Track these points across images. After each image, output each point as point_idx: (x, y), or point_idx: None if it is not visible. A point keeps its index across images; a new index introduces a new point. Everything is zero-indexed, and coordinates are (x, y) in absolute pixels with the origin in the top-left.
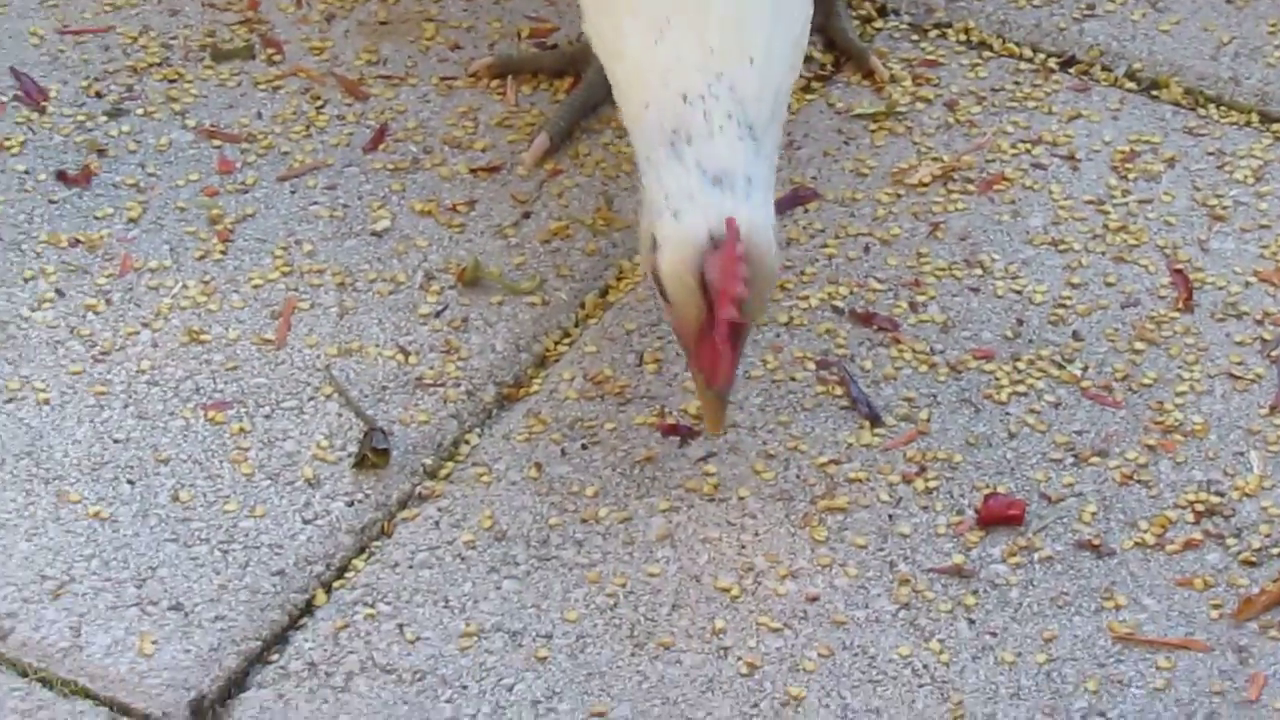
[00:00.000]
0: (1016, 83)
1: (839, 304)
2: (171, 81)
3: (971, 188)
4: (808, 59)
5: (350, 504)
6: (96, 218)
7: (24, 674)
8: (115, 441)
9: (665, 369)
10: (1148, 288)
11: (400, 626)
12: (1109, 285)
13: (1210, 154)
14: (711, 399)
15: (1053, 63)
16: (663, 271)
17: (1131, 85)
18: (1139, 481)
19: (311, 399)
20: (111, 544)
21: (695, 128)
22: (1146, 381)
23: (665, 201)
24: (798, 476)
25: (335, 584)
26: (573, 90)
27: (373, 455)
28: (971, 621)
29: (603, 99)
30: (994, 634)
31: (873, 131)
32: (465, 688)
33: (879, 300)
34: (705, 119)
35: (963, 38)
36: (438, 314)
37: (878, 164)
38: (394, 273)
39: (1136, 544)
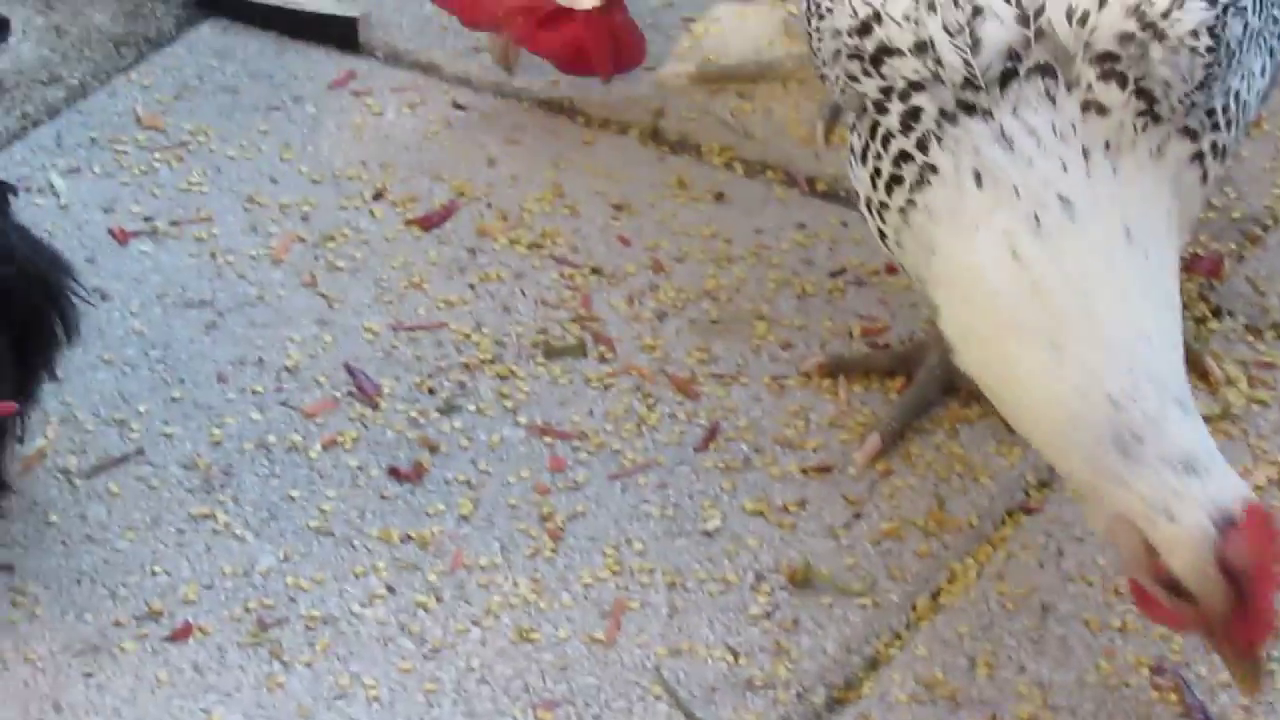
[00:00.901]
0: None
1: None
2: (503, 378)
3: None
4: None
5: None
6: (428, 514)
7: None
8: None
9: (997, 673)
10: None
11: None
12: None
13: None
14: (1249, 666)
15: None
16: (1183, 573)
17: None
18: None
19: (641, 699)
20: None
21: (1138, 426)
22: None
23: (1147, 506)
24: None
25: None
26: (904, 390)
27: None
28: None
29: (935, 399)
30: None
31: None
32: None
33: None
34: (1144, 415)
35: None
36: (768, 615)
37: None
38: (724, 573)
39: None
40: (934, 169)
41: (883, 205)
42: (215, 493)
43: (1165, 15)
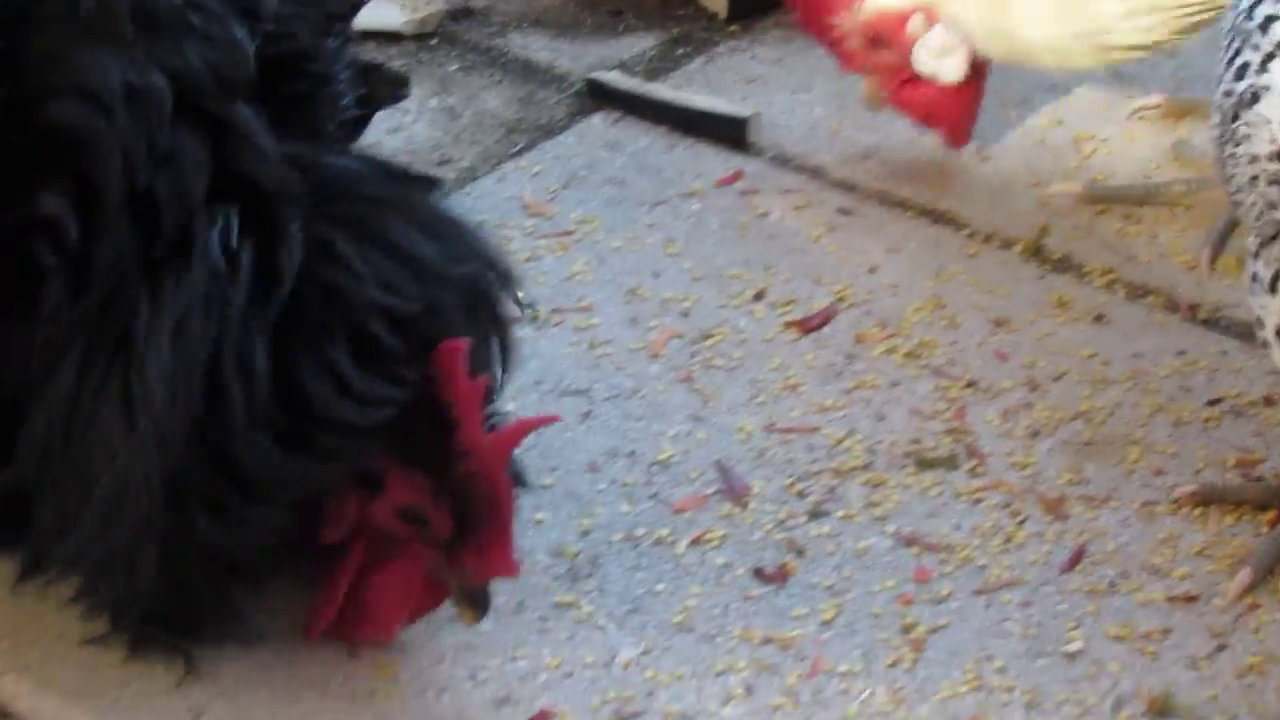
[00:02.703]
0: None
1: None
2: (874, 486)
3: None
4: None
5: None
6: (791, 617)
7: None
8: None
9: None
10: None
11: None
12: None
13: None
14: None
15: None
16: None
17: None
18: None
19: None
20: None
21: None
22: None
23: None
24: None
25: None
26: (1277, 525)
27: None
28: None
29: None
30: None
31: None
32: None
33: None
34: None
35: None
36: None
37: None
38: (1084, 695)
39: None
40: None
41: None
42: (580, 582)
43: None
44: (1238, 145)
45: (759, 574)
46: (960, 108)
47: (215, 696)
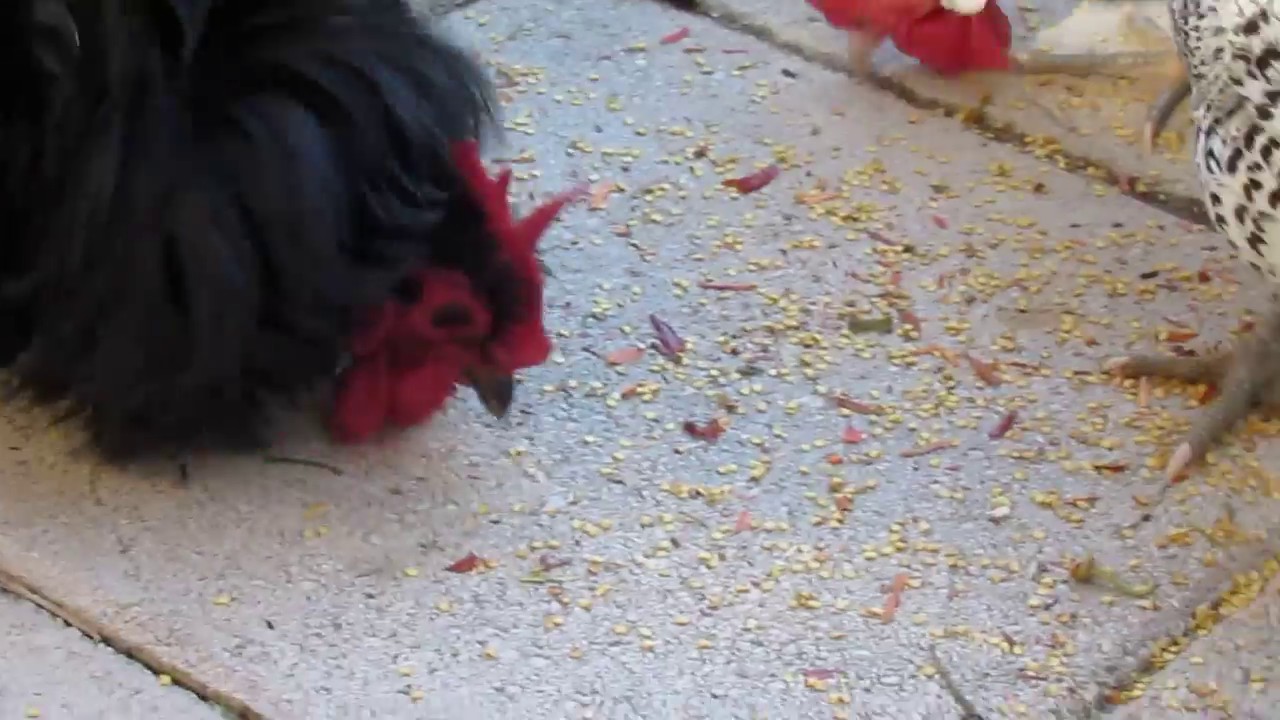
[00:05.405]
0: None
1: None
2: (807, 346)
3: None
4: None
5: None
6: (719, 473)
7: None
8: (714, 696)
9: (1270, 689)
10: None
11: None
12: None
13: None
14: None
15: None
16: None
17: None
18: None
19: (913, 677)
20: None
21: None
22: None
23: None
24: None
25: None
26: (1209, 400)
27: None
28: None
29: (1242, 413)
30: None
31: None
32: None
33: None
34: None
35: None
36: (1047, 607)
37: None
38: (1008, 560)
39: None
40: None
41: (1265, 216)
42: (511, 431)
43: None
44: (1201, 17)
45: (690, 429)
46: (991, 34)
47: (143, 530)
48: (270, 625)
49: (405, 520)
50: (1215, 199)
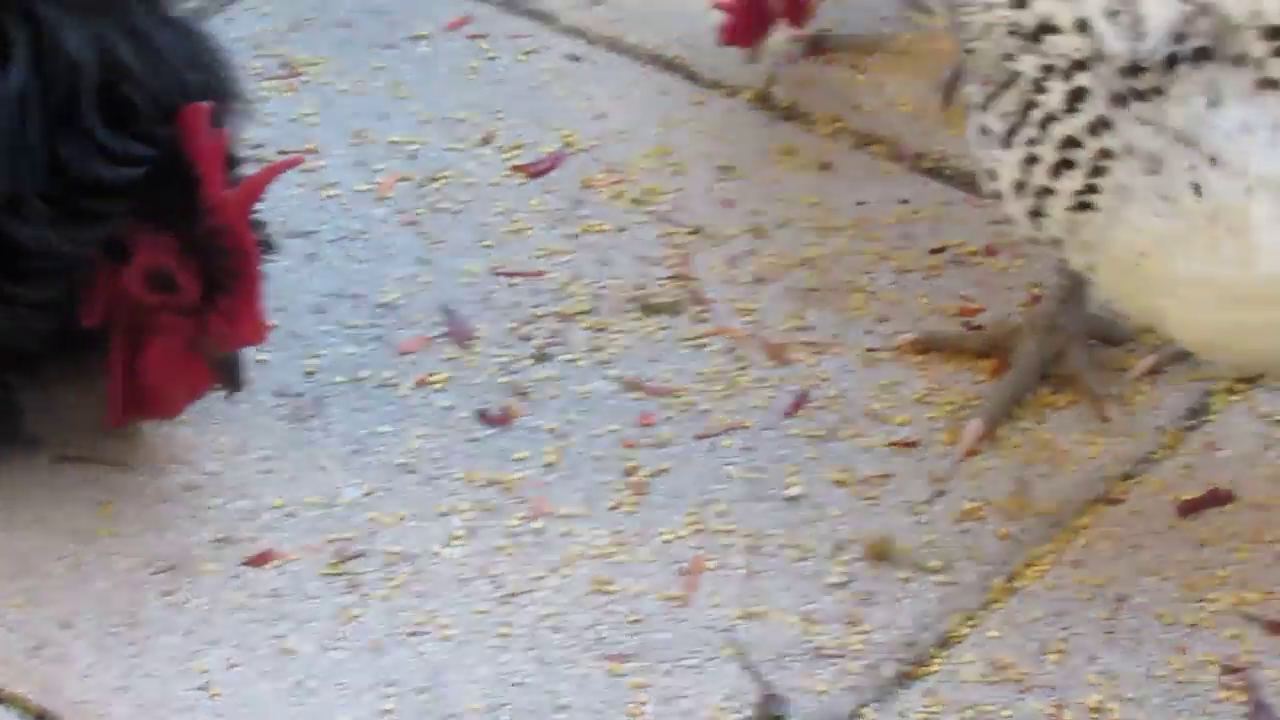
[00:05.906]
0: None
1: (1249, 610)
2: (597, 331)
3: None
4: None
5: None
6: (513, 460)
7: None
8: (514, 685)
9: (1067, 660)
10: None
11: None
12: None
13: None
14: None
15: None
16: None
17: None
18: None
19: (712, 659)
20: None
21: None
22: None
23: None
24: None
25: None
26: (1000, 374)
27: None
28: None
29: (1033, 386)
30: None
31: None
32: None
33: None
34: None
35: None
36: (844, 585)
37: None
38: (803, 540)
39: None
40: (1127, 150)
41: (1045, 190)
42: (304, 423)
43: None
44: None
45: (483, 416)
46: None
47: None
48: (66, 625)
49: (200, 516)
50: (993, 174)
